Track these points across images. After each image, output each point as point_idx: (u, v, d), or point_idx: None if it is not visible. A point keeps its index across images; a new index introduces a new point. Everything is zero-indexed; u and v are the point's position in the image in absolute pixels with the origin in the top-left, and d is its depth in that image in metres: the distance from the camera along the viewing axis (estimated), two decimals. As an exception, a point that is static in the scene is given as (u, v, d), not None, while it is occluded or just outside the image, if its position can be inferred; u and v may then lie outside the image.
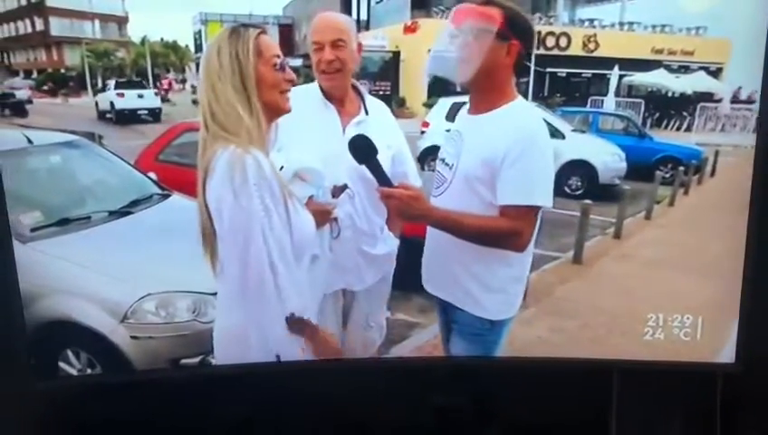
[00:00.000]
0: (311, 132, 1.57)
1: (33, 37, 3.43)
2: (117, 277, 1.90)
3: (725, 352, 1.83)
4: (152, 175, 2.35)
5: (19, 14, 3.30)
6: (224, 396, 1.87)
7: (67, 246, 1.94)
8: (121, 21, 3.46)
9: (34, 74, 3.57)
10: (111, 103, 3.13)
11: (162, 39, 3.68)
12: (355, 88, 1.83)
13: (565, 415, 1.98)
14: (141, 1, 3.13)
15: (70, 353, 1.94)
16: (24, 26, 3.38)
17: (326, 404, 1.93)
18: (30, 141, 2.14)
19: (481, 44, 1.56)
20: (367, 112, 1.81)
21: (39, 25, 3.39)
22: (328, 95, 1.78)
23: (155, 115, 3.18)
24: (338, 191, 1.67)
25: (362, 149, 1.56)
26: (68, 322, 1.86)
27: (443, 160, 1.73)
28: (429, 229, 1.76)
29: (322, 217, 1.54)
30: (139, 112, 3.19)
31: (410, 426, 1.99)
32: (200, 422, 1.88)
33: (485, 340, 1.75)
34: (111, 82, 3.15)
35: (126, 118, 3.14)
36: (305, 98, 1.65)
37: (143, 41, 3.62)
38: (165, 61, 3.71)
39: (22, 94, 3.27)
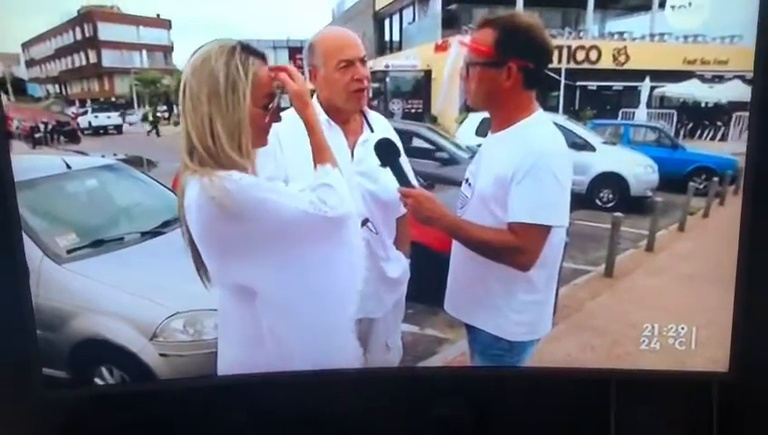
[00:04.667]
0: None
1: (86, 69, 3.63)
2: (146, 297, 1.96)
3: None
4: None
5: (75, 48, 3.51)
6: (224, 406, 1.89)
7: (100, 266, 2.02)
8: (167, 50, 3.63)
9: (88, 103, 3.77)
10: (89, 122, 3.59)
11: (205, 66, 3.82)
12: None
13: (564, 425, 1.95)
14: (186, 31, 3.26)
15: (104, 370, 2.01)
16: (79, 59, 3.58)
17: (326, 415, 1.92)
18: (69, 166, 2.25)
19: (473, 75, 1.54)
20: (372, 130, 1.74)
21: (92, 58, 3.59)
22: (333, 116, 1.69)
23: (118, 129, 3.65)
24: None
25: (387, 152, 1.58)
26: (101, 340, 1.94)
27: (466, 180, 1.71)
28: (453, 249, 1.75)
29: None
30: (108, 128, 3.65)
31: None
32: (202, 431, 1.90)
33: (504, 361, 1.72)
34: (89, 108, 3.66)
35: (99, 132, 3.62)
36: None
37: (187, 68, 3.77)
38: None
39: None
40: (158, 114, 3.73)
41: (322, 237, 1.29)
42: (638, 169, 3.06)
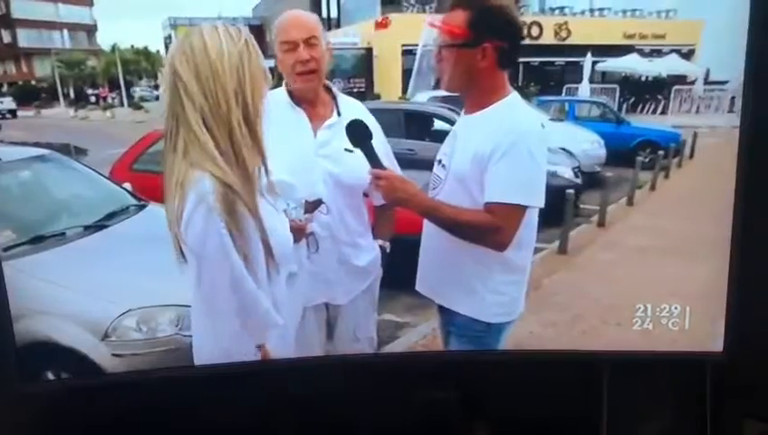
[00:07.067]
0: (280, 141, 1.45)
1: (1, 50, 3.37)
2: (95, 294, 1.86)
3: (718, 341, 1.82)
4: (127, 185, 2.30)
5: (-16, 27, 3.25)
6: (208, 397, 1.84)
7: (42, 264, 1.88)
8: (90, 29, 3.41)
9: (4, 87, 3.52)
10: (-18, 109, 3.44)
11: (132, 46, 3.63)
12: (327, 88, 1.75)
13: (556, 407, 1.97)
14: (109, 9, 3.10)
15: (50, 375, 1.87)
16: (-10, 40, 3.32)
17: (312, 403, 1.90)
18: (-1, 158, 2.09)
19: (447, 57, 1.53)
20: (339, 114, 1.73)
21: (6, 37, 3.34)
22: (297, 99, 1.69)
23: (13, 113, 3.42)
24: (311, 206, 1.61)
25: (358, 132, 1.56)
26: (48, 342, 1.81)
27: (439, 162, 1.72)
28: (425, 229, 1.75)
29: (297, 233, 1.47)
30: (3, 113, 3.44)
31: (397, 423, 1.97)
32: (186, 424, 1.85)
33: (483, 342, 1.73)
34: (-19, 94, 3.56)
35: (-8, 116, 3.53)
36: (272, 105, 1.58)
37: (113, 48, 3.57)
38: (136, 67, 3.65)
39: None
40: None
41: None
42: (586, 145, 3.10)
